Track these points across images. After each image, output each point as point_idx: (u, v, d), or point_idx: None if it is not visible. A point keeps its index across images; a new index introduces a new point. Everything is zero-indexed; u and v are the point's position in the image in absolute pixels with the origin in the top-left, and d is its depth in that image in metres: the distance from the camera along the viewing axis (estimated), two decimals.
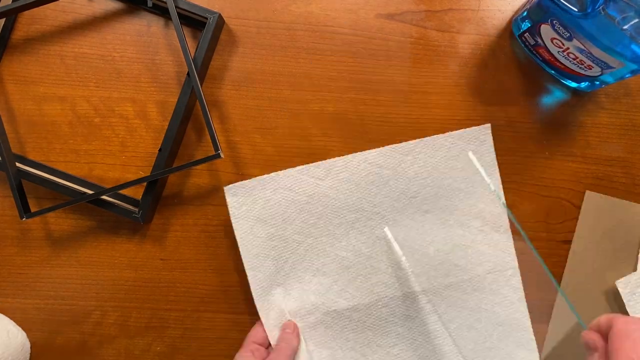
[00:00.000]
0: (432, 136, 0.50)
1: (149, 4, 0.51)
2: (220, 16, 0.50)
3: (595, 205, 0.51)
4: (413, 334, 0.51)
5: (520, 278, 0.51)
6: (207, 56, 0.50)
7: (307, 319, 0.50)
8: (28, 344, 0.52)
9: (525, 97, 0.52)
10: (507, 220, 0.51)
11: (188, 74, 0.48)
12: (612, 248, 0.51)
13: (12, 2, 0.51)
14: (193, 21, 0.52)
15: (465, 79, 0.52)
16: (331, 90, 0.52)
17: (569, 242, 0.52)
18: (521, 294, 0.51)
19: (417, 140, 0.50)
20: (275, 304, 0.50)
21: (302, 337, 0.50)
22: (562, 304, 0.51)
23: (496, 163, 0.51)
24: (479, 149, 0.51)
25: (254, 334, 0.49)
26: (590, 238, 0.51)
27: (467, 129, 0.50)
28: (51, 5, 0.52)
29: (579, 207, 0.52)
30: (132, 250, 0.52)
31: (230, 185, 0.50)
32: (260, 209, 0.50)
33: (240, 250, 0.50)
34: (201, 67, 0.49)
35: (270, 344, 0.49)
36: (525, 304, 0.51)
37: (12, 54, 0.53)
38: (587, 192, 0.52)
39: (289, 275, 0.51)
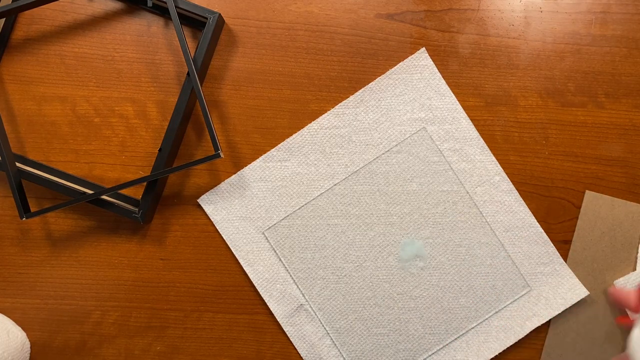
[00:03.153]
0: (375, 80, 0.51)
1: (149, 4, 0.51)
2: (220, 16, 0.50)
3: (595, 205, 0.51)
4: (427, 272, 0.51)
5: (509, 181, 0.51)
6: (207, 56, 0.50)
7: (322, 294, 0.51)
8: (28, 344, 0.52)
9: (525, 97, 0.52)
10: (477, 132, 0.51)
11: (188, 74, 0.48)
12: (612, 248, 0.51)
13: (12, 2, 0.51)
14: (193, 21, 0.52)
15: (465, 79, 0.52)
16: (331, 90, 0.52)
17: (569, 242, 0.52)
18: (516, 195, 0.51)
19: (362, 89, 0.51)
20: (286, 292, 0.51)
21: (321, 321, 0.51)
22: None
23: (444, 82, 0.51)
24: (422, 75, 0.51)
25: None
26: (590, 238, 0.52)
27: (404, 60, 0.51)
28: (51, 5, 0.52)
29: (579, 207, 0.52)
30: (132, 250, 0.52)
31: (203, 196, 0.51)
32: (239, 207, 0.51)
33: (233, 250, 0.51)
34: (201, 67, 0.49)
35: None
36: (523, 203, 0.51)
37: (12, 54, 0.53)
38: (587, 192, 0.52)
39: (290, 259, 0.51)
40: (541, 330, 0.51)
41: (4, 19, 0.52)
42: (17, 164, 0.51)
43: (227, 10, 0.52)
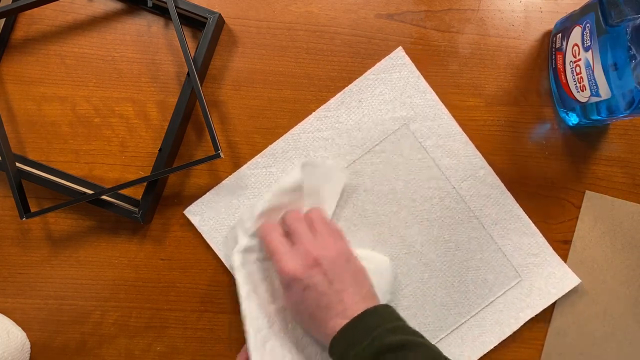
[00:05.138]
0: (354, 81, 0.51)
1: (149, 4, 0.51)
2: (220, 16, 0.50)
3: (595, 205, 0.52)
4: (418, 269, 0.51)
5: (494, 174, 0.51)
6: (207, 56, 0.50)
7: None
8: (28, 344, 0.52)
9: (525, 97, 0.52)
10: (459, 128, 0.51)
11: (188, 74, 0.48)
12: (612, 248, 0.51)
13: (12, 2, 0.51)
14: (193, 21, 0.52)
15: (465, 79, 0.52)
16: (331, 90, 0.52)
17: (569, 242, 0.52)
18: (502, 188, 0.51)
19: (342, 91, 0.51)
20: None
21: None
22: (562, 302, 0.51)
23: (423, 80, 0.51)
24: (401, 73, 0.51)
25: None
26: (590, 238, 0.52)
27: (381, 60, 0.51)
28: (51, 5, 0.52)
29: (579, 207, 0.52)
30: (132, 250, 0.52)
31: (189, 207, 0.51)
32: (226, 216, 0.51)
33: (223, 260, 0.51)
34: (201, 67, 0.49)
35: None
36: (510, 195, 0.51)
37: (12, 54, 0.53)
38: (587, 192, 0.52)
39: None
40: (541, 330, 0.51)
41: (4, 19, 0.52)
42: (17, 164, 0.51)
43: (227, 10, 0.52)
